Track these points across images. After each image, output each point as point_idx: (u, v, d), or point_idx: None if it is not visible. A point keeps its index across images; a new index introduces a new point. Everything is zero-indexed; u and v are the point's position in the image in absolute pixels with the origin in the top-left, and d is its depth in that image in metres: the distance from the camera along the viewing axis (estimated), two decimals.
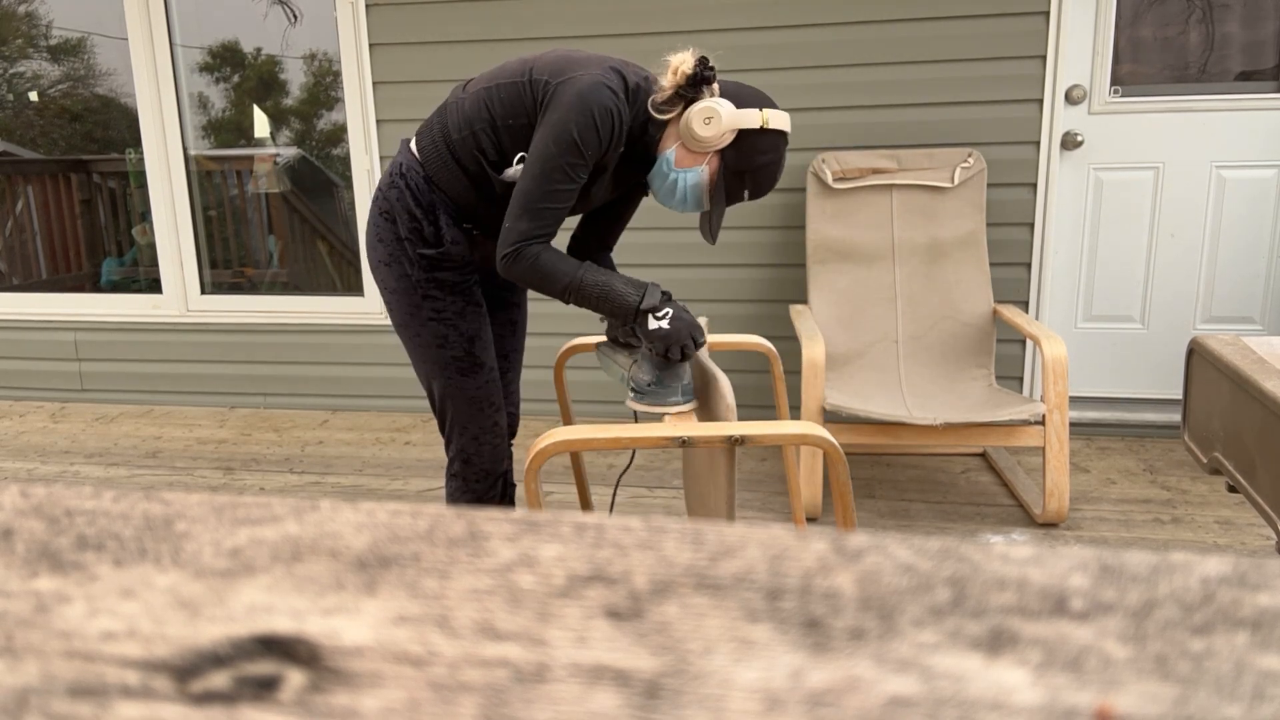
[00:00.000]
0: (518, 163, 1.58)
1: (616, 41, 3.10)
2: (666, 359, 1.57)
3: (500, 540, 0.30)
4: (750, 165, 1.56)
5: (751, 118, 1.53)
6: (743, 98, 1.54)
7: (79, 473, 2.99)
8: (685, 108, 1.54)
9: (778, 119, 1.54)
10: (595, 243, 1.87)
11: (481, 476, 1.79)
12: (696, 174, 1.57)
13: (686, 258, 3.22)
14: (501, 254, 1.54)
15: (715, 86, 1.55)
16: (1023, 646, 0.24)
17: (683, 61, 1.53)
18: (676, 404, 1.60)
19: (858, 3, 2.96)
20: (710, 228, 1.63)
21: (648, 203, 3.19)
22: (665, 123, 1.57)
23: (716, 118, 1.51)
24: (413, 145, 1.67)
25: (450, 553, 0.29)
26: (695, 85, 1.53)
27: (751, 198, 1.60)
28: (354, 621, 0.25)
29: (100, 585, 0.27)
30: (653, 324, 1.55)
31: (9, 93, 3.87)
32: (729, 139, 1.53)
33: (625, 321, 1.57)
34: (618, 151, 1.56)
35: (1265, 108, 2.92)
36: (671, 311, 1.56)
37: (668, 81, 1.54)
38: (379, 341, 3.51)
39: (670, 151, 1.57)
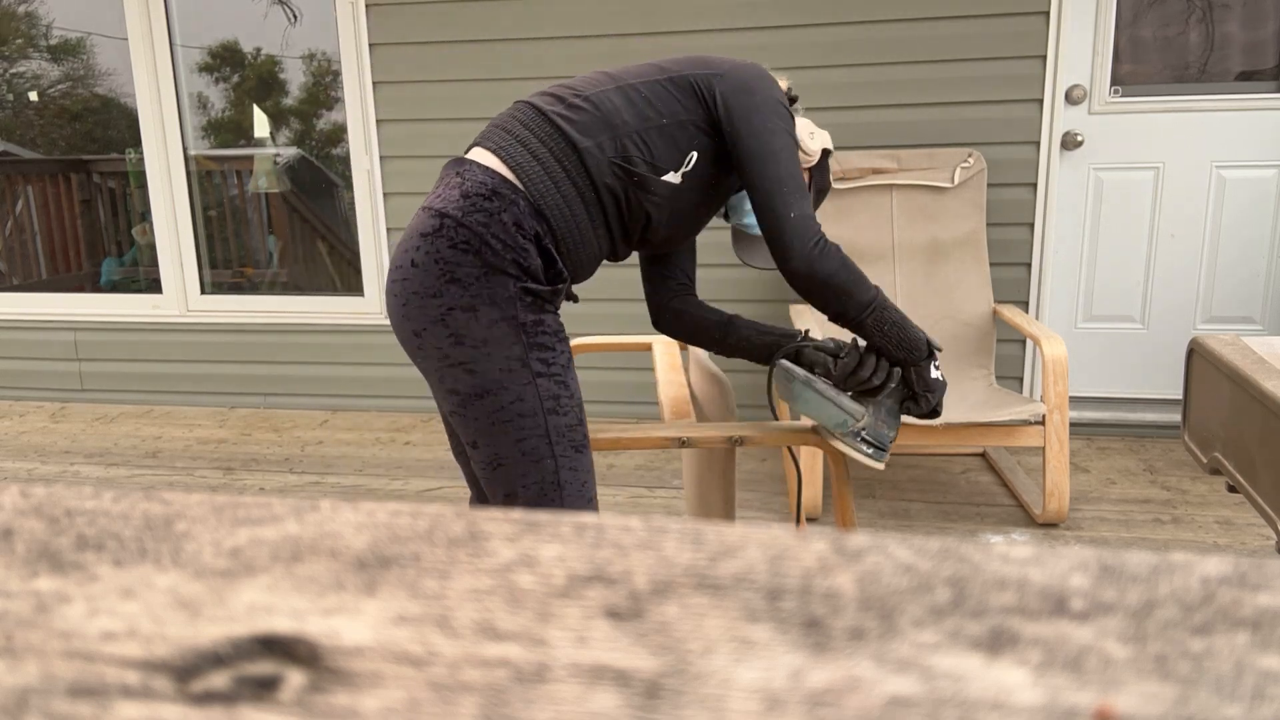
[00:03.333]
0: (686, 163, 1.36)
1: (616, 41, 3.10)
2: (931, 414, 1.43)
3: (500, 540, 0.30)
4: (826, 184, 1.52)
5: (827, 138, 1.50)
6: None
7: (79, 473, 2.99)
8: None
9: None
10: (687, 280, 1.59)
11: None
12: None
13: None
14: (811, 242, 1.31)
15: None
16: (1023, 646, 0.24)
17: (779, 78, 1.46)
18: None
19: (858, 3, 2.96)
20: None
21: None
22: None
23: (818, 134, 1.46)
24: (497, 165, 1.30)
25: (450, 553, 0.29)
26: (790, 104, 1.44)
27: None
28: (354, 621, 0.25)
29: (100, 585, 0.27)
30: (934, 373, 1.40)
31: (9, 93, 3.87)
32: (818, 158, 1.49)
33: (908, 361, 1.38)
34: None
35: (1265, 108, 2.92)
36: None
37: None
38: (379, 341, 3.51)
39: None
